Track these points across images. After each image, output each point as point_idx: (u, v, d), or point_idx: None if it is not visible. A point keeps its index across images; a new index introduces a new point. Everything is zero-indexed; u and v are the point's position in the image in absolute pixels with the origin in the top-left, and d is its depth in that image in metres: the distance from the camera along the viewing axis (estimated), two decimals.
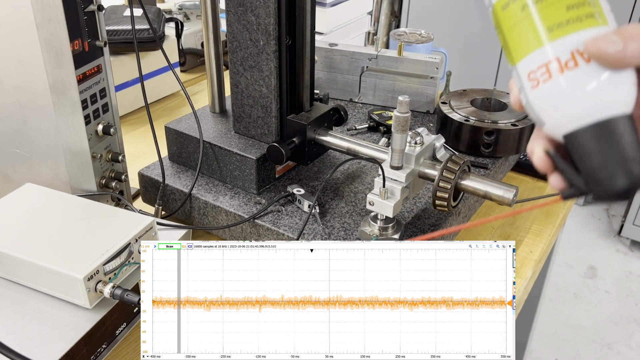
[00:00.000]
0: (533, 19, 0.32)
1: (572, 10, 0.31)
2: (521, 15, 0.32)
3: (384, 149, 0.70)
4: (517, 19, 0.33)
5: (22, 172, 0.71)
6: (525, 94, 0.34)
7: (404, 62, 0.98)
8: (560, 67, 0.31)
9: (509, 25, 0.33)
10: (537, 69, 0.32)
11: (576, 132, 0.32)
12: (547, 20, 0.32)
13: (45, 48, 0.61)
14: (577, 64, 0.31)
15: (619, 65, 0.31)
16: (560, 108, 0.32)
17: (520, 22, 0.32)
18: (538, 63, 0.32)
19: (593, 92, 0.31)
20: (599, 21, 0.31)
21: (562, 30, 0.31)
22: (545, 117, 0.33)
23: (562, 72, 0.31)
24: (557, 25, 0.31)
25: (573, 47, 0.31)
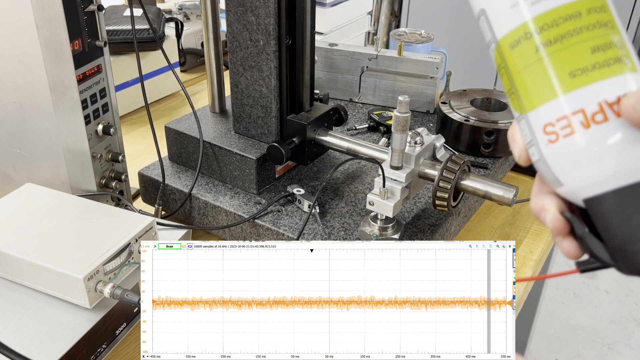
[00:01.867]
0: (551, 61, 0.27)
1: (598, 53, 0.26)
2: (536, 56, 0.27)
3: (384, 149, 0.70)
4: (531, 60, 0.28)
5: (22, 172, 0.71)
6: (538, 148, 0.29)
7: (404, 62, 0.98)
8: (586, 120, 0.26)
9: (519, 68, 0.28)
10: (557, 122, 0.27)
11: (603, 197, 0.27)
12: (568, 64, 0.27)
13: (45, 48, 0.61)
14: (606, 118, 0.26)
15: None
16: (584, 168, 0.27)
17: (534, 64, 0.28)
18: (558, 115, 0.27)
19: (626, 151, 0.26)
20: (628, 66, 0.27)
21: (587, 77, 0.26)
22: (565, 177, 0.28)
23: (588, 127, 0.26)
24: (582, 71, 0.26)
25: (601, 98, 0.26)
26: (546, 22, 0.27)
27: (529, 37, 0.28)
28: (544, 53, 0.27)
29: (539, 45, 0.27)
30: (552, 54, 0.27)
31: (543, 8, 0.27)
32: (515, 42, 0.28)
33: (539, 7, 0.27)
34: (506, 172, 0.92)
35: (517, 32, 0.28)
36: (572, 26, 0.27)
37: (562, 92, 0.27)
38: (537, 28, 0.27)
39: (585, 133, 0.27)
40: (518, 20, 0.28)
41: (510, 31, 0.28)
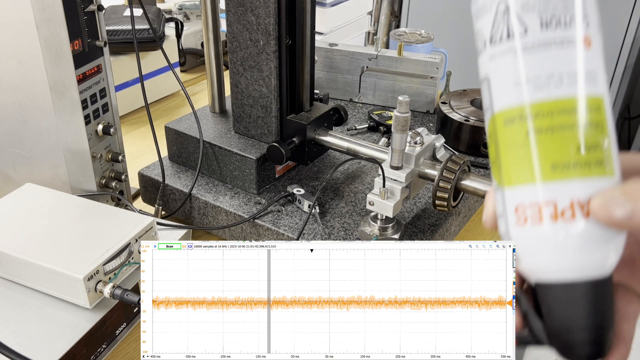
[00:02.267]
0: (538, 149, 0.28)
1: (583, 152, 0.27)
2: (525, 139, 0.28)
3: (384, 149, 0.70)
4: (519, 142, 0.28)
5: (22, 172, 0.71)
6: (506, 224, 0.30)
7: (404, 62, 0.98)
8: (555, 213, 0.28)
9: (507, 145, 0.29)
10: (528, 206, 0.28)
11: (552, 286, 0.29)
12: (553, 156, 0.27)
13: (45, 48, 0.61)
14: (574, 216, 0.27)
15: (621, 229, 0.27)
16: (542, 256, 0.29)
17: (522, 147, 0.28)
18: (530, 200, 0.28)
19: (585, 250, 0.28)
20: (607, 170, 0.27)
21: (566, 173, 0.27)
22: (524, 258, 0.30)
23: (555, 220, 0.28)
24: (563, 166, 0.27)
25: (574, 197, 0.27)
26: (542, 111, 0.28)
27: (523, 120, 0.28)
28: (533, 139, 0.28)
29: (530, 130, 0.28)
30: (540, 143, 0.28)
31: (543, 96, 0.28)
32: (510, 120, 0.29)
33: (539, 94, 0.28)
34: None
35: (514, 112, 0.29)
36: (565, 121, 0.27)
37: (540, 180, 0.28)
38: (532, 114, 0.28)
39: (550, 225, 0.28)
40: (517, 100, 0.28)
41: (507, 108, 0.29)
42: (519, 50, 0.28)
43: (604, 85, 0.28)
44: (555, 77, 0.27)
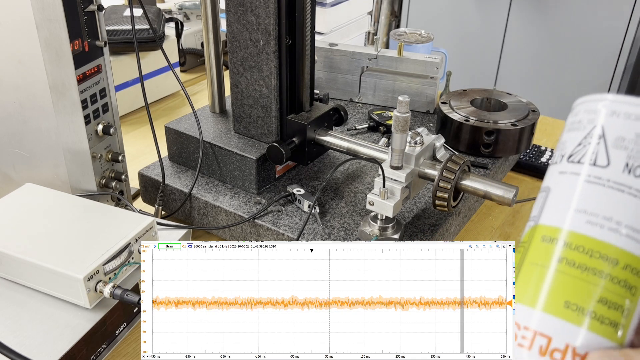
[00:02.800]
0: (560, 279, 0.27)
1: (601, 305, 0.26)
2: (552, 264, 0.27)
3: (384, 149, 0.70)
4: (546, 264, 0.27)
5: (22, 172, 0.71)
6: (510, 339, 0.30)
7: (404, 62, 0.98)
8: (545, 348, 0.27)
9: (534, 260, 0.28)
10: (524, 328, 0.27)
11: None
12: (572, 294, 0.26)
13: (45, 48, 0.61)
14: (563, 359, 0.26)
15: None
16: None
17: (546, 269, 0.27)
18: (528, 323, 0.27)
19: None
20: (618, 336, 0.26)
21: (575, 317, 0.26)
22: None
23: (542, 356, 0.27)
24: (576, 309, 0.26)
25: (571, 342, 0.26)
26: (584, 247, 0.27)
27: (561, 245, 0.27)
28: (561, 268, 0.27)
29: (562, 258, 0.27)
30: (566, 274, 0.27)
31: (592, 234, 0.27)
32: (549, 238, 0.28)
33: (589, 230, 0.27)
34: (506, 172, 0.92)
35: (557, 233, 0.28)
36: (601, 267, 0.26)
37: (546, 310, 0.27)
38: (573, 244, 0.27)
39: (536, 357, 0.27)
40: (565, 224, 0.27)
41: (552, 226, 0.28)
42: (592, 181, 0.27)
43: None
44: (613, 223, 0.26)
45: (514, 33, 2.23)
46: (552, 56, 2.18)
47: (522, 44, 2.24)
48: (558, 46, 2.16)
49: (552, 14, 2.13)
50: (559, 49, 2.16)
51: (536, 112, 0.86)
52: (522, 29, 2.22)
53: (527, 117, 0.84)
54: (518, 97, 0.90)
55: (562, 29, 2.12)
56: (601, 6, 2.02)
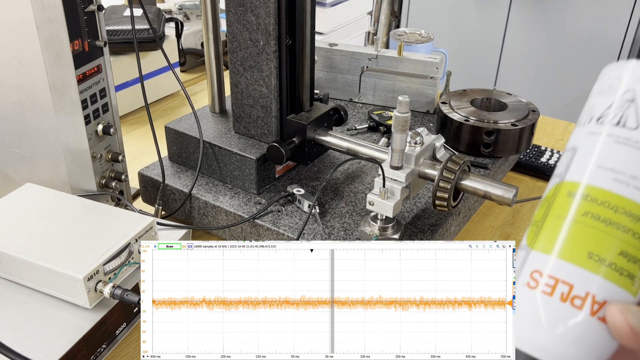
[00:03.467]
0: (584, 232, 0.28)
1: (621, 257, 0.27)
2: (579, 217, 0.28)
3: (384, 149, 0.70)
4: (573, 217, 0.28)
5: (22, 172, 0.71)
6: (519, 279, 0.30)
7: (404, 62, 0.98)
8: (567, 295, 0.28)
9: (559, 214, 0.29)
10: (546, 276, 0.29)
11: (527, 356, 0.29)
12: (594, 245, 0.28)
13: (45, 48, 0.61)
14: (582, 307, 0.28)
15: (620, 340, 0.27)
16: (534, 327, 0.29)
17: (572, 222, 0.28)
18: (551, 272, 0.29)
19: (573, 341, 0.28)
20: (634, 287, 0.27)
21: (596, 267, 0.28)
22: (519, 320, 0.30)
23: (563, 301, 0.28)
24: (597, 259, 0.28)
25: (591, 290, 0.28)
26: (610, 203, 0.28)
27: (588, 201, 0.28)
28: (587, 222, 0.28)
29: (588, 212, 0.28)
30: (591, 228, 0.28)
31: (618, 191, 0.28)
32: (575, 194, 0.29)
33: (615, 187, 0.28)
34: (506, 172, 0.92)
35: (583, 189, 0.29)
36: (625, 222, 0.28)
37: (570, 259, 0.28)
38: (599, 200, 0.28)
39: (557, 302, 0.28)
40: (592, 181, 0.29)
41: (579, 182, 0.29)
42: (620, 141, 0.28)
43: None
44: (638, 182, 0.28)
45: (514, 33, 2.23)
46: (552, 56, 2.18)
47: (522, 44, 2.24)
48: (558, 46, 2.16)
49: (552, 14, 2.13)
50: (559, 49, 2.16)
51: (536, 112, 0.86)
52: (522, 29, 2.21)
53: (527, 117, 0.84)
54: (518, 97, 0.90)
55: (562, 29, 2.12)
56: (601, 6, 2.02)
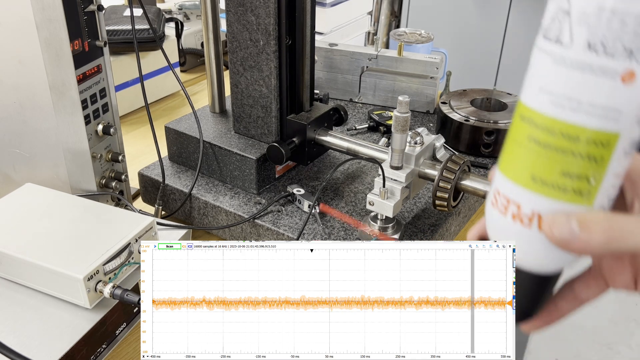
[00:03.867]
0: (528, 156, 0.29)
1: (563, 177, 0.28)
2: (524, 142, 0.29)
3: (384, 149, 0.70)
4: (520, 142, 0.30)
5: (22, 172, 0.71)
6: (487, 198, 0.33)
7: (404, 62, 0.98)
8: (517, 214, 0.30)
9: (512, 137, 0.30)
10: (502, 196, 0.31)
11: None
12: (537, 168, 0.29)
13: (45, 48, 0.61)
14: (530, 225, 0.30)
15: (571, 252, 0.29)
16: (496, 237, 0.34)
17: (519, 146, 0.30)
18: (504, 191, 0.31)
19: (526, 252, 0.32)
20: (583, 200, 0.28)
21: (540, 188, 0.29)
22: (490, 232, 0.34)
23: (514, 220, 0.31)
24: (541, 181, 0.29)
25: (536, 209, 0.29)
26: (548, 127, 0.28)
27: (531, 125, 0.29)
28: (529, 146, 0.29)
29: (531, 137, 0.29)
30: (533, 152, 0.29)
31: (554, 114, 0.28)
32: (522, 117, 0.30)
33: (553, 111, 0.28)
34: None
35: (529, 112, 0.29)
36: (561, 144, 0.28)
37: (517, 181, 0.30)
38: (539, 124, 0.29)
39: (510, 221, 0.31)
40: (534, 104, 0.29)
41: (526, 105, 0.29)
42: (557, 61, 0.27)
43: (628, 123, 0.27)
44: (574, 103, 0.27)
45: (514, 33, 2.23)
46: None
47: (522, 44, 2.24)
48: None
49: None
50: None
51: None
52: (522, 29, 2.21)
53: None
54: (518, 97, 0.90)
55: None
56: None
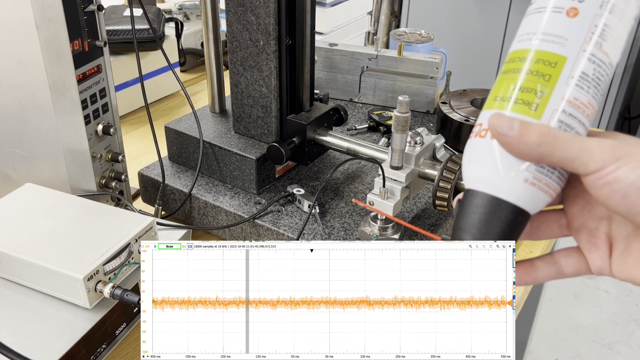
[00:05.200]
0: (496, 85, 0.35)
1: (518, 91, 0.33)
2: (499, 77, 0.36)
3: (384, 149, 0.70)
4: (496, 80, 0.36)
5: (22, 172, 0.71)
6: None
7: (404, 62, 0.98)
8: (478, 132, 0.34)
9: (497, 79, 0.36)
10: (477, 124, 0.35)
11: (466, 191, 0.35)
12: (499, 90, 0.34)
13: (45, 48, 0.61)
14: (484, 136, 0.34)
15: (513, 153, 0.32)
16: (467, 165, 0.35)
17: (495, 82, 0.36)
18: (478, 121, 0.35)
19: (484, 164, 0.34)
20: (531, 112, 0.33)
21: (499, 104, 0.34)
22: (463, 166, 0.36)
23: (475, 137, 0.34)
24: (500, 99, 0.34)
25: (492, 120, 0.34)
26: (512, 58, 0.35)
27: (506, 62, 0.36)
28: (500, 78, 0.35)
29: (502, 71, 0.36)
30: (500, 80, 0.35)
31: (517, 47, 0.35)
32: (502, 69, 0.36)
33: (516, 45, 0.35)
34: None
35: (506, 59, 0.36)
36: (519, 66, 0.34)
37: (486, 107, 0.35)
38: (508, 59, 0.36)
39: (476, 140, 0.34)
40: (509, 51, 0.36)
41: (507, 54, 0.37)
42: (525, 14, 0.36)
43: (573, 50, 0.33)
44: (530, 35, 0.34)
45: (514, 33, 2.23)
46: None
47: None
48: None
49: None
50: None
51: None
52: None
53: None
54: None
55: None
56: None
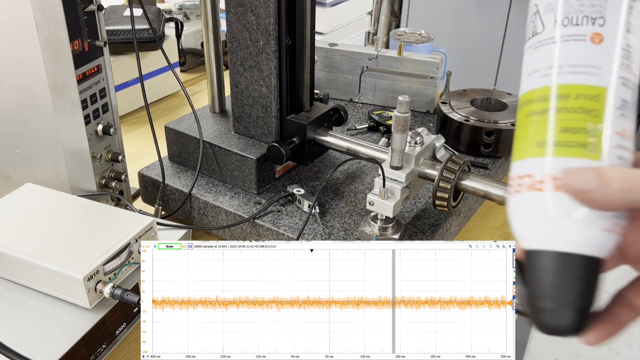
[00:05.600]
0: (530, 129, 0.31)
1: (565, 133, 0.30)
2: (525, 120, 0.32)
3: (384, 149, 0.70)
4: (522, 122, 0.32)
5: (22, 172, 0.71)
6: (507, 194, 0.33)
7: (404, 62, 0.98)
8: (532, 184, 0.30)
9: (519, 124, 0.32)
10: (521, 177, 0.31)
11: (530, 252, 0.31)
12: (539, 135, 0.30)
13: (45, 48, 0.61)
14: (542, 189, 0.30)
15: (592, 205, 0.28)
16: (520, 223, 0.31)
17: (523, 126, 0.32)
18: (522, 172, 0.31)
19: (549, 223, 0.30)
20: (590, 153, 0.29)
21: (545, 151, 0.30)
22: (513, 224, 0.32)
23: (530, 191, 0.30)
24: (545, 143, 0.30)
25: (547, 171, 0.30)
26: (537, 96, 0.31)
27: (526, 104, 0.32)
28: (527, 122, 0.31)
29: (528, 114, 0.31)
30: (531, 125, 0.31)
31: (537, 84, 0.31)
32: (521, 104, 0.32)
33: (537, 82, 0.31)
34: (506, 172, 0.92)
35: (523, 97, 0.32)
36: (557, 104, 0.30)
37: (524, 156, 0.31)
38: (531, 99, 0.31)
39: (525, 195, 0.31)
40: (525, 88, 0.32)
41: (521, 94, 0.33)
42: (535, 45, 0.32)
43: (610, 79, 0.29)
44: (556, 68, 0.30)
45: (514, 33, 2.23)
46: None
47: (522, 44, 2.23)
48: None
49: None
50: None
51: None
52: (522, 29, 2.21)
53: None
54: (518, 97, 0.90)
55: None
56: None
